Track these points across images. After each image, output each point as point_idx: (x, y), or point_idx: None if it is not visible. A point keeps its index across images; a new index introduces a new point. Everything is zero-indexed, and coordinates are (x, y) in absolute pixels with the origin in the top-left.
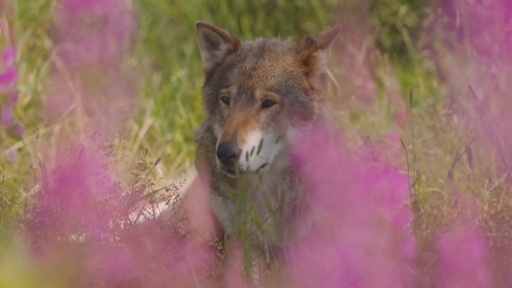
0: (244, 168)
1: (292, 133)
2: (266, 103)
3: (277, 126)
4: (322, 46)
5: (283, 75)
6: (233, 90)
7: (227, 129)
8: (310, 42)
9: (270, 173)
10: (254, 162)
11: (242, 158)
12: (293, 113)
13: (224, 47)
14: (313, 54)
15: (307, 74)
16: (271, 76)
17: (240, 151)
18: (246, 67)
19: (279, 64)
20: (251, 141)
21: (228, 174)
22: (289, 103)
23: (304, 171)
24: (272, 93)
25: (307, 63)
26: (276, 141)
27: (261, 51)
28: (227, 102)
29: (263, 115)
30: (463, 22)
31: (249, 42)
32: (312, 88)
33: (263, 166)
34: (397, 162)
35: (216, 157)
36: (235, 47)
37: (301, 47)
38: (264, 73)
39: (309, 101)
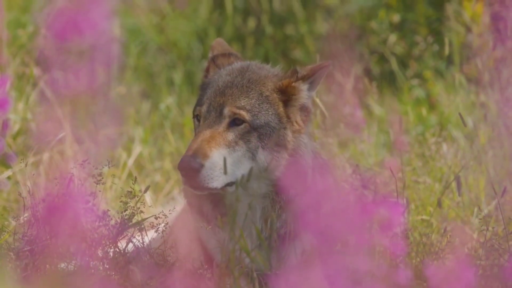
0: (207, 184)
1: (263, 156)
2: (235, 121)
3: (246, 146)
4: (303, 78)
5: (258, 97)
6: (204, 108)
7: (191, 144)
8: (293, 72)
9: (246, 195)
10: (218, 178)
11: (204, 173)
12: (264, 136)
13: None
14: (293, 84)
15: (284, 102)
16: (244, 96)
17: (202, 165)
18: (220, 86)
19: (256, 87)
20: (215, 157)
21: (192, 190)
22: (260, 125)
23: (286, 199)
24: (241, 111)
25: (285, 91)
26: (246, 158)
27: (243, 72)
28: (200, 120)
29: (231, 133)
30: (452, 50)
31: (237, 63)
32: (288, 117)
33: (230, 184)
34: (386, 190)
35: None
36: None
37: (284, 76)
38: (237, 91)
39: (282, 129)
